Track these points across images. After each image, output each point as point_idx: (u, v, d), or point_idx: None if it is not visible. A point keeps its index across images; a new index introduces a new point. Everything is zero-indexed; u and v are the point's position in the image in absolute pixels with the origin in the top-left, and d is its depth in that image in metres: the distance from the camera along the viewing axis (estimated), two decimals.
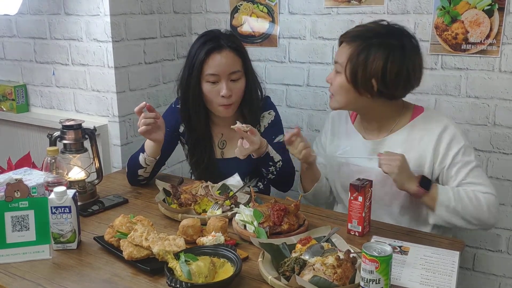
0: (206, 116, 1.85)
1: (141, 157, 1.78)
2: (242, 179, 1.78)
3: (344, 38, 1.58)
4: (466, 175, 1.53)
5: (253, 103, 1.83)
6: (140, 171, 1.81)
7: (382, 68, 1.48)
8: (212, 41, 1.74)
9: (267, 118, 1.88)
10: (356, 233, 1.46)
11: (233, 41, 1.77)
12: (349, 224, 1.47)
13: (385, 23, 1.57)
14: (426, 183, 1.49)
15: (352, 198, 1.44)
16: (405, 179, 1.47)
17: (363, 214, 1.43)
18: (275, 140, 1.83)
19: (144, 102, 1.67)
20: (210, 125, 1.89)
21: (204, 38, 1.77)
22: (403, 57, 1.49)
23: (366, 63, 1.49)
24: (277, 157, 1.76)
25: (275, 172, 1.77)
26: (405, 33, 1.55)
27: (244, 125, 1.63)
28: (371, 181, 1.46)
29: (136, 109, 1.67)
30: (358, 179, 1.46)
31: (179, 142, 1.98)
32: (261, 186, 1.95)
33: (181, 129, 1.92)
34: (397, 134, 1.62)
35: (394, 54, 1.48)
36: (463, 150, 1.54)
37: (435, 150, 1.55)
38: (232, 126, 1.64)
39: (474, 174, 1.54)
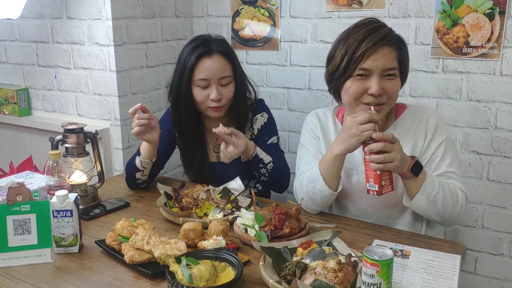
0: (198, 120, 1.85)
1: (137, 160, 1.78)
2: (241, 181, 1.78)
3: (386, 42, 1.49)
4: (445, 169, 1.54)
5: (241, 107, 1.84)
6: (137, 175, 1.81)
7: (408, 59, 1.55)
8: (203, 46, 1.74)
9: (260, 120, 1.89)
10: (374, 192, 1.42)
11: (224, 46, 1.78)
12: (367, 184, 1.43)
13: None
14: (417, 168, 1.46)
15: (366, 156, 1.41)
16: (400, 164, 1.42)
17: (378, 172, 1.40)
18: (269, 142, 1.84)
19: (139, 104, 1.68)
20: (203, 130, 1.90)
21: (195, 43, 1.77)
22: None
23: (408, 59, 1.55)
24: (267, 158, 1.76)
25: (267, 174, 1.78)
26: None
27: (225, 128, 1.62)
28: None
29: (130, 110, 1.68)
30: (371, 139, 1.41)
31: (177, 146, 1.98)
32: (260, 187, 1.95)
33: None
34: (389, 131, 1.59)
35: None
36: (445, 144, 1.56)
37: (425, 137, 1.57)
38: (213, 130, 1.63)
39: (452, 168, 1.54)
